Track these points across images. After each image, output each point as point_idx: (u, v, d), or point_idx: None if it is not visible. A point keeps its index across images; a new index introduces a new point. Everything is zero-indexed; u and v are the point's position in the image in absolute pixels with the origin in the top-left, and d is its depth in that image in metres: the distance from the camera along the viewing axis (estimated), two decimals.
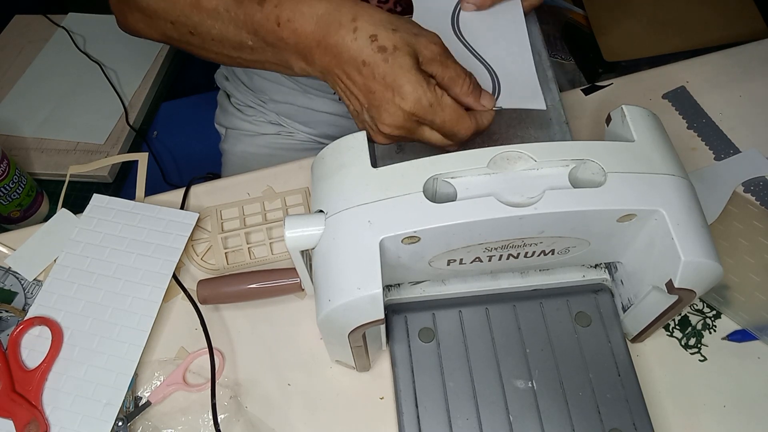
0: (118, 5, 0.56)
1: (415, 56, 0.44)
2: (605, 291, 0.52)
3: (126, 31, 0.58)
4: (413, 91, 0.43)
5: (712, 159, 0.65)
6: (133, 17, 0.55)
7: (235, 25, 0.48)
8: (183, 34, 0.52)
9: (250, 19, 0.47)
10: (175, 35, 0.52)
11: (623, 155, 0.41)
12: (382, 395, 0.51)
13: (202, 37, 0.51)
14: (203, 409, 0.51)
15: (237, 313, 0.57)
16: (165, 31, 0.53)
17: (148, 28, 0.54)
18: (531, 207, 0.39)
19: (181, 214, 0.61)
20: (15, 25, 1.17)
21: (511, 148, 0.41)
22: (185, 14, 0.50)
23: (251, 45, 0.48)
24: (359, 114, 0.47)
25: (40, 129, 1.00)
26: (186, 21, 0.50)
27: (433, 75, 0.45)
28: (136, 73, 1.07)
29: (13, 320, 0.56)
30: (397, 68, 0.43)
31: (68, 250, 0.59)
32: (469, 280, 0.51)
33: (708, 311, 0.55)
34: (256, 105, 0.84)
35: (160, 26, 0.53)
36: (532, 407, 0.47)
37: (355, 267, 0.39)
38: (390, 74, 0.43)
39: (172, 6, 0.50)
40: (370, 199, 0.40)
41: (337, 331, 0.43)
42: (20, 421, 0.49)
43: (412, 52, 0.43)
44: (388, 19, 0.44)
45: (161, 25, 0.52)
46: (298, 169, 0.66)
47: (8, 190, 0.81)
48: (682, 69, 0.72)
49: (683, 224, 0.40)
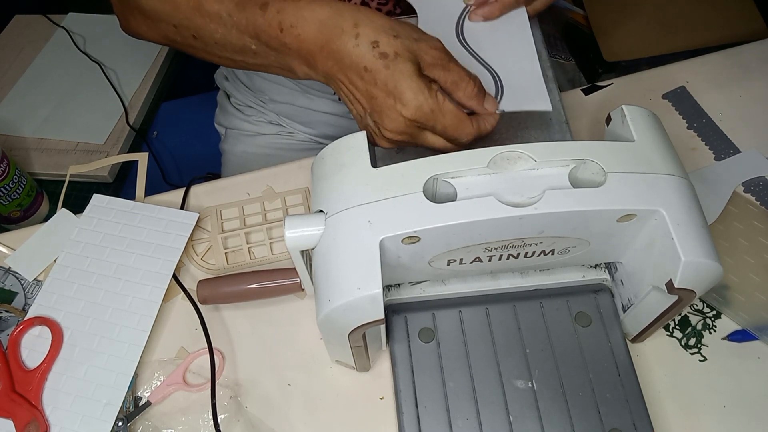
0: (121, 8, 0.56)
1: (416, 62, 0.44)
2: (605, 291, 0.52)
3: (129, 34, 0.58)
4: (414, 98, 0.43)
5: (712, 159, 0.65)
6: (136, 20, 0.55)
7: (238, 29, 0.48)
8: (186, 38, 0.52)
9: (252, 24, 0.47)
10: (179, 39, 0.52)
11: (623, 155, 0.41)
12: (382, 395, 0.51)
13: (204, 41, 0.51)
14: (203, 409, 0.51)
15: (237, 313, 0.57)
16: (168, 35, 0.53)
17: (151, 31, 0.54)
18: (531, 207, 0.39)
19: (181, 214, 0.61)
20: (15, 25, 1.17)
21: (511, 148, 0.41)
22: (188, 18, 0.50)
23: (254, 49, 0.49)
24: (362, 118, 0.47)
25: (40, 129, 1.00)
26: (189, 24, 0.50)
27: (435, 79, 0.45)
28: (136, 73, 1.07)
29: (13, 320, 0.56)
30: (398, 75, 0.43)
31: (68, 250, 0.59)
32: (469, 280, 0.51)
33: (708, 311, 0.55)
34: (256, 105, 0.84)
35: (162, 30, 0.53)
36: (532, 407, 0.47)
37: (355, 267, 0.39)
38: (391, 81, 0.43)
39: (175, 10, 0.50)
40: (370, 199, 0.40)
41: (337, 331, 0.43)
42: (20, 422, 0.49)
43: (414, 57, 0.44)
44: (390, 25, 0.44)
45: (164, 29, 0.52)
46: (298, 169, 0.66)
47: (8, 190, 0.81)
48: (682, 69, 0.72)
49: (683, 224, 0.40)
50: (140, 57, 1.09)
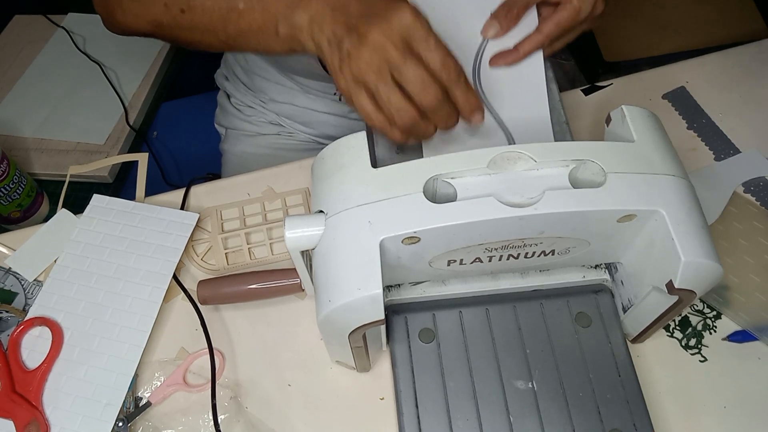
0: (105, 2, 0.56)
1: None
2: (605, 291, 0.52)
3: (114, 29, 0.59)
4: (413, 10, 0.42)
5: (712, 159, 0.65)
6: (123, 10, 0.55)
7: None
8: (174, 17, 0.52)
9: None
10: (165, 19, 0.53)
11: (623, 155, 0.41)
12: (383, 396, 0.51)
13: (192, 14, 0.51)
14: (203, 410, 0.51)
15: (237, 313, 0.57)
16: (156, 17, 0.53)
17: (137, 17, 0.55)
18: (531, 207, 0.39)
19: (181, 214, 0.60)
20: (15, 25, 1.17)
21: (511, 149, 0.41)
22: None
23: (241, 8, 0.49)
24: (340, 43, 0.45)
25: (40, 129, 1.00)
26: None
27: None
28: (136, 73, 1.07)
29: (14, 320, 0.56)
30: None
31: (68, 251, 0.59)
32: (470, 280, 0.51)
33: (708, 312, 0.55)
34: (256, 105, 0.84)
35: (152, 12, 0.53)
36: (533, 408, 0.47)
37: (355, 267, 0.39)
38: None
39: None
40: (370, 199, 0.40)
41: (338, 332, 0.43)
42: (20, 422, 0.49)
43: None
44: None
45: (154, 11, 0.53)
46: (298, 169, 0.66)
47: (8, 190, 0.81)
48: (682, 69, 0.72)
49: (683, 224, 0.40)
50: (140, 57, 1.09)
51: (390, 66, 0.42)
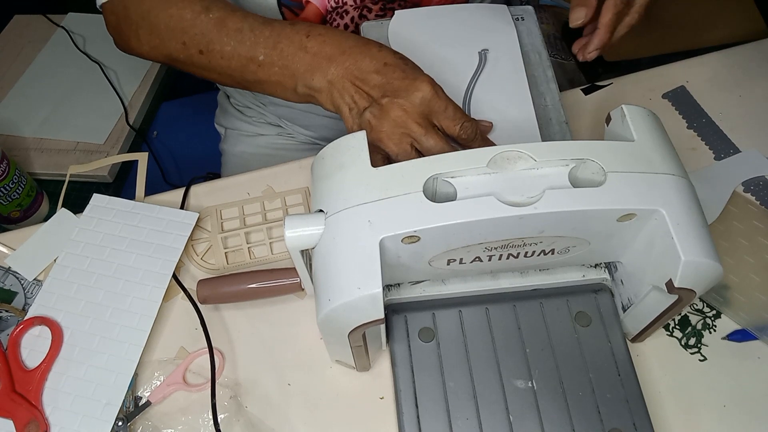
0: (120, 28, 0.56)
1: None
2: (605, 291, 0.52)
3: (124, 51, 0.59)
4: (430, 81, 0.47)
5: (712, 159, 0.65)
6: (139, 40, 0.55)
7: (253, 42, 0.50)
8: (191, 55, 0.53)
9: (276, 33, 0.49)
10: (182, 56, 0.54)
11: (623, 155, 0.41)
12: (382, 395, 0.51)
13: (210, 56, 0.52)
14: (203, 409, 0.51)
15: (237, 313, 0.57)
16: (172, 53, 0.54)
17: (155, 50, 0.55)
18: (531, 207, 0.39)
19: (181, 213, 0.61)
20: (15, 25, 1.17)
21: (510, 148, 0.41)
22: (203, 33, 0.51)
23: (261, 60, 0.50)
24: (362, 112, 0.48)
25: (40, 129, 1.00)
26: (201, 39, 0.52)
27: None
28: (136, 73, 1.07)
29: (13, 320, 0.56)
30: (419, 70, 0.48)
31: (68, 250, 0.59)
32: (469, 279, 0.51)
33: (708, 311, 0.55)
34: (256, 106, 0.84)
35: (169, 48, 0.54)
36: (532, 407, 0.47)
37: (355, 267, 0.39)
38: (411, 72, 0.47)
39: (191, 25, 0.52)
40: (369, 198, 0.40)
41: (337, 331, 0.43)
42: (20, 421, 0.49)
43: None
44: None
45: (170, 47, 0.53)
46: (298, 168, 0.66)
47: (8, 190, 0.81)
48: (682, 69, 0.72)
49: (683, 224, 0.40)
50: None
51: (411, 138, 0.47)
